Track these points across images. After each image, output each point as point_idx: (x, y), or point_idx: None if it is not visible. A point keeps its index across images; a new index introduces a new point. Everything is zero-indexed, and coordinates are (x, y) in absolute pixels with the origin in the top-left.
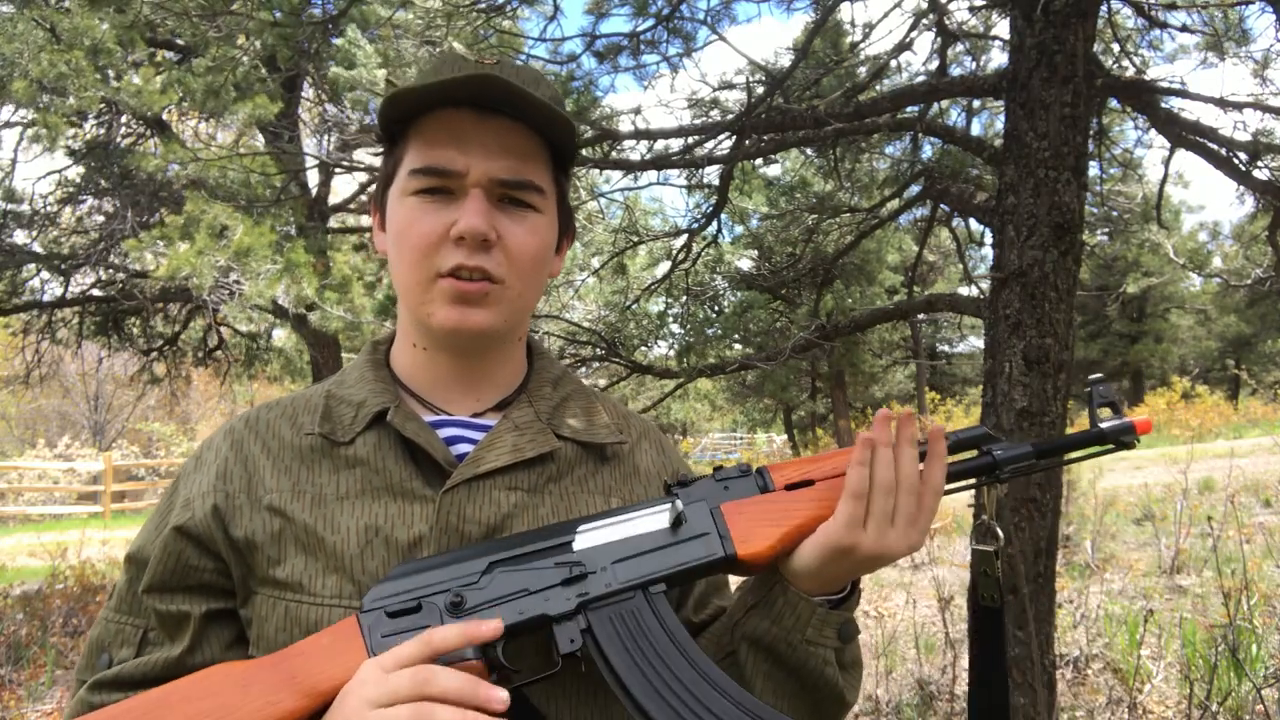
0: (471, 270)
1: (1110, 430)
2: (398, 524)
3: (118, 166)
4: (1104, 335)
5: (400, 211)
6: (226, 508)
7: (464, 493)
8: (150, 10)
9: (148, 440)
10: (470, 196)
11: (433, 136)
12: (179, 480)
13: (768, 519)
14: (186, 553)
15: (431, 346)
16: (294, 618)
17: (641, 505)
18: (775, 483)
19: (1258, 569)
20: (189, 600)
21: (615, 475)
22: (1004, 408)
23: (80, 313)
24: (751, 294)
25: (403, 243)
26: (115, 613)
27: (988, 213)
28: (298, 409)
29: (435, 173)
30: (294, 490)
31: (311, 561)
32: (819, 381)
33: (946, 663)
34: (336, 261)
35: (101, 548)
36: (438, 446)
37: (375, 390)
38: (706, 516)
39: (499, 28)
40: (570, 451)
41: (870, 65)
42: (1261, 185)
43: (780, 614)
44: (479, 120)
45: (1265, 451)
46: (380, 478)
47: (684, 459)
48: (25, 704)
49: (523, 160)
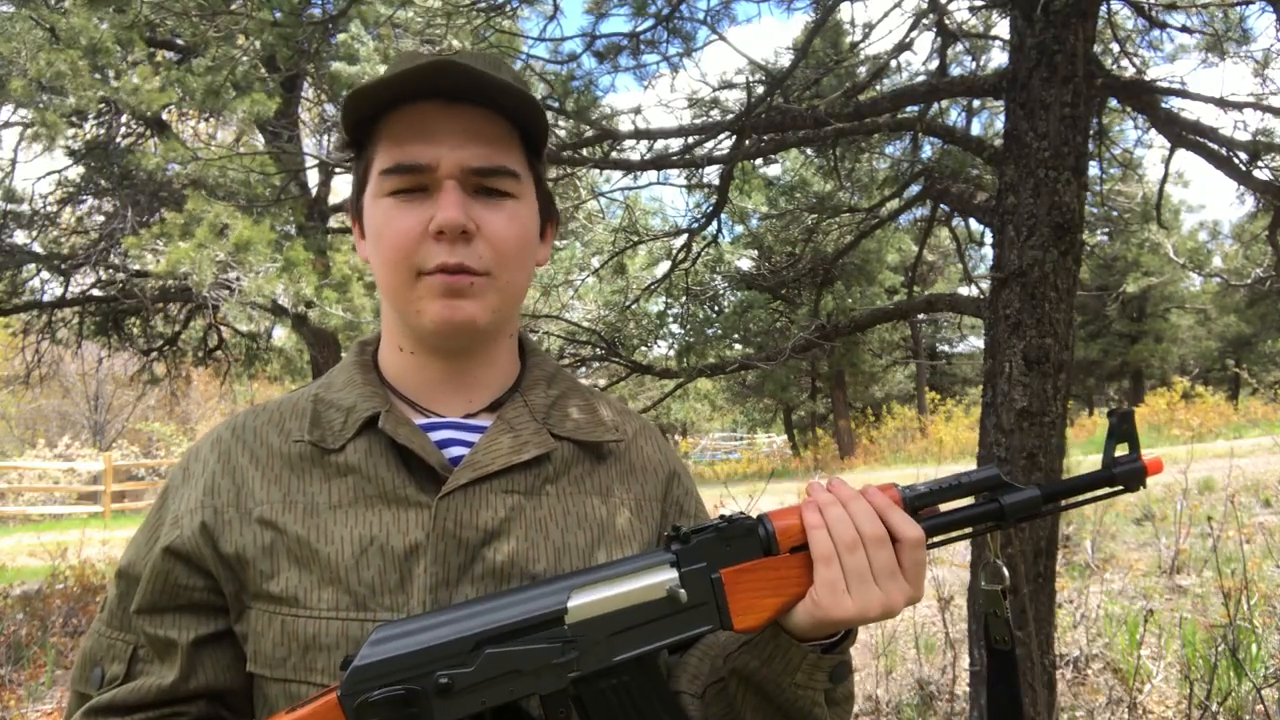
0: (454, 266)
1: (1120, 474)
2: (393, 532)
3: (117, 166)
4: (1104, 335)
5: (376, 214)
6: (215, 523)
7: (460, 498)
8: (150, 10)
9: (148, 440)
10: (444, 189)
11: (399, 133)
12: (167, 493)
13: (768, 588)
14: (175, 572)
15: (419, 350)
16: (290, 632)
17: (639, 560)
18: (780, 542)
19: (1258, 569)
20: (178, 624)
21: (613, 473)
22: (1004, 408)
23: (80, 313)
24: (751, 294)
25: (381, 245)
26: (107, 627)
27: (988, 213)
28: (285, 415)
29: (406, 170)
30: (285, 501)
31: (306, 574)
32: (819, 381)
33: (946, 663)
34: (336, 261)
35: (101, 548)
36: (431, 451)
37: (365, 394)
38: (706, 584)
39: (499, 27)
40: (567, 451)
41: (870, 65)
42: (1262, 185)
43: (771, 657)
44: (444, 110)
45: (1265, 451)
46: (373, 485)
47: (680, 458)
48: (25, 704)
49: (493, 146)
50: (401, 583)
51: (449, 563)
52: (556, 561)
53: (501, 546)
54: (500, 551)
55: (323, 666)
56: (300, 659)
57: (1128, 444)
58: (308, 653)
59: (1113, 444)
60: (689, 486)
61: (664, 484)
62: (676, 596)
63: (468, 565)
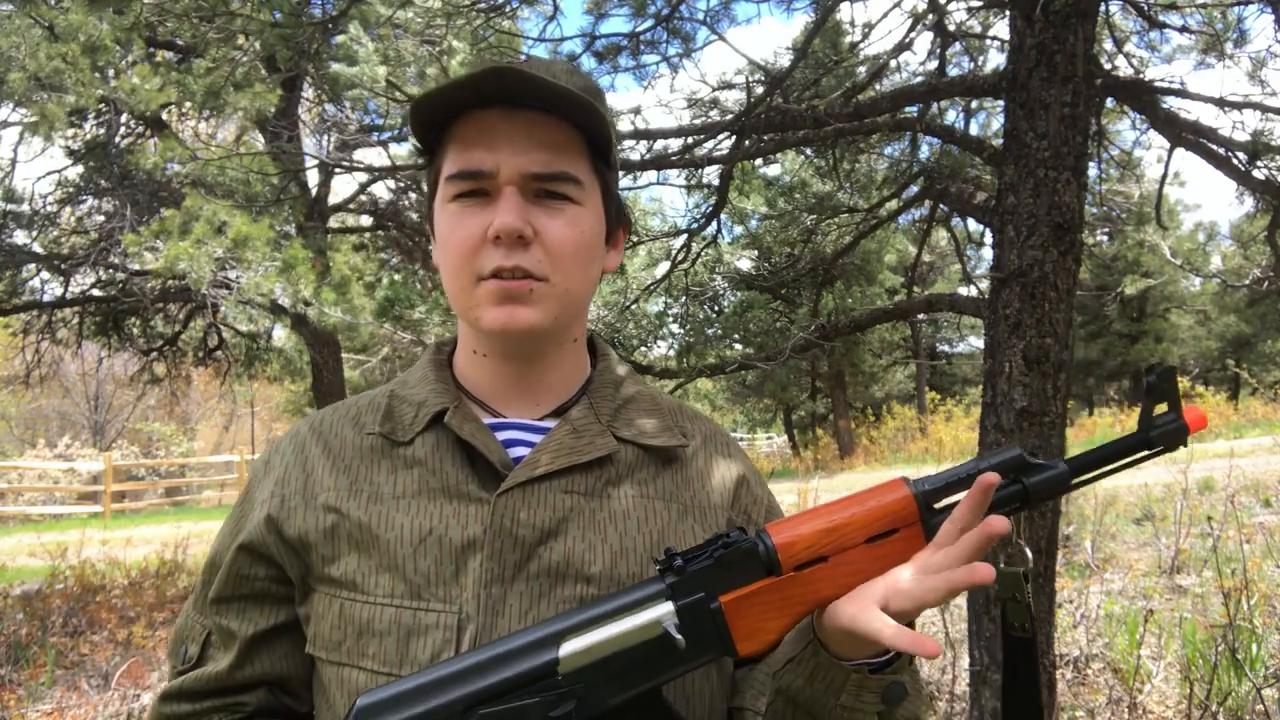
0: (511, 270)
1: (1158, 435)
2: (452, 525)
3: (117, 166)
4: (1104, 335)
5: (443, 220)
6: (280, 511)
7: (518, 496)
8: (150, 12)
9: (148, 440)
10: (503, 195)
11: (464, 139)
12: (250, 486)
13: (772, 610)
14: (243, 564)
15: (490, 353)
16: (348, 616)
17: (633, 594)
18: (783, 560)
19: (1258, 569)
20: (242, 615)
21: (677, 480)
22: (1004, 408)
23: (80, 313)
24: (751, 294)
25: (446, 250)
26: (193, 609)
27: (987, 213)
28: (361, 409)
29: (468, 175)
30: (351, 488)
31: (365, 559)
32: (819, 381)
33: (946, 663)
34: (336, 261)
35: (101, 548)
36: (494, 449)
37: (436, 390)
38: (706, 614)
39: (499, 28)
40: (631, 454)
41: (870, 65)
42: (1261, 185)
43: (814, 675)
44: (506, 117)
45: (1265, 451)
46: (437, 479)
47: (749, 460)
48: (25, 704)
49: (554, 152)
50: (456, 575)
51: (504, 559)
52: (613, 564)
53: (557, 546)
54: (555, 551)
55: (374, 652)
56: (354, 643)
57: (1167, 404)
58: (361, 637)
59: (1151, 404)
60: (759, 494)
61: (731, 491)
62: (672, 636)
63: (523, 563)
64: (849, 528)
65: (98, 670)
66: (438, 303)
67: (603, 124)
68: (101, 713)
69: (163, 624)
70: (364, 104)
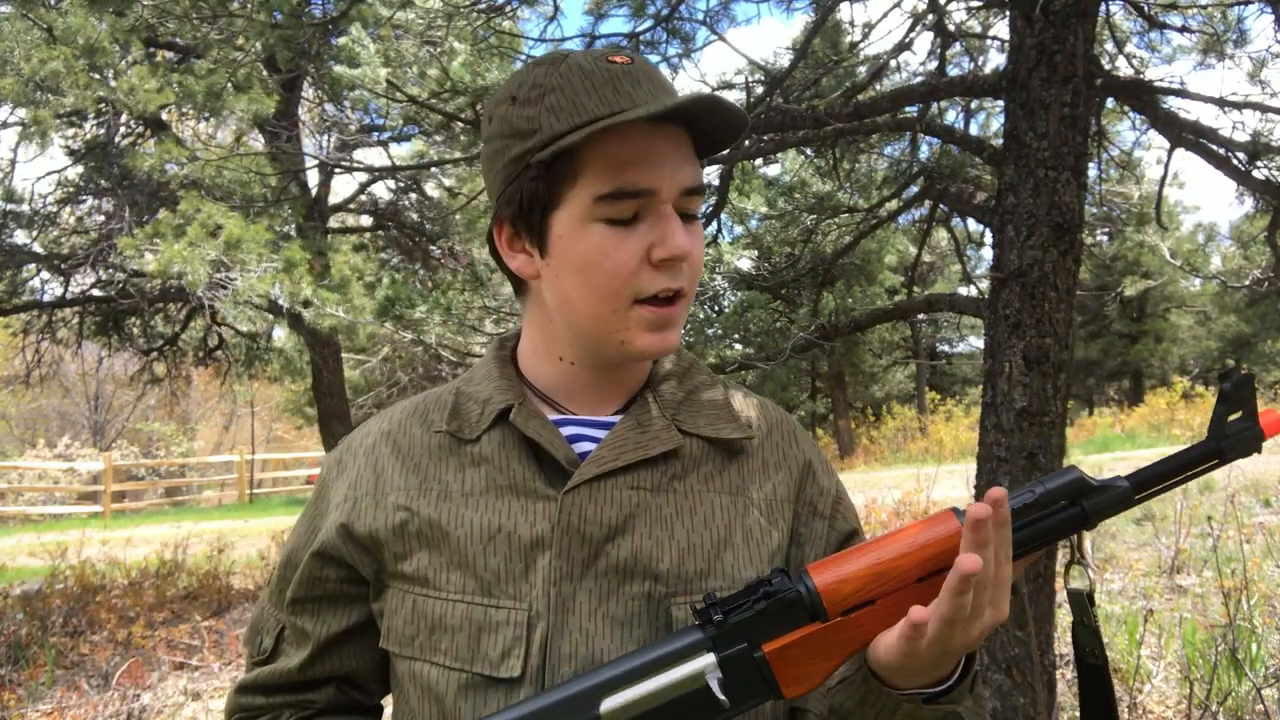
0: (674, 293)
1: (1229, 445)
2: (520, 522)
3: (117, 167)
4: (1104, 335)
5: (586, 241)
6: (352, 514)
7: (585, 493)
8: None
9: (148, 440)
10: (664, 215)
11: (616, 157)
12: (324, 483)
13: (820, 654)
14: (316, 568)
15: (582, 363)
16: (420, 611)
17: (673, 643)
18: (828, 607)
19: (1258, 569)
20: (317, 617)
21: (744, 471)
22: (1004, 408)
23: (80, 313)
24: (751, 294)
25: (595, 273)
26: (269, 601)
27: (987, 213)
28: (429, 407)
29: (629, 194)
30: (421, 487)
31: (435, 556)
32: (819, 381)
33: None
34: (336, 262)
35: (101, 548)
36: (559, 445)
37: (501, 387)
38: (750, 664)
39: (499, 28)
40: (695, 448)
41: (870, 65)
42: (1261, 185)
43: (865, 699)
44: (655, 131)
45: (1265, 451)
46: (504, 476)
47: (818, 448)
48: (25, 704)
49: (695, 165)
50: (525, 572)
51: (572, 557)
52: (680, 561)
53: (624, 543)
54: (623, 548)
55: (446, 648)
56: (427, 639)
57: (1241, 412)
58: (434, 633)
59: (1225, 411)
60: (826, 485)
61: (797, 483)
62: (715, 693)
63: (591, 560)
64: (898, 571)
65: (97, 670)
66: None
67: (726, 131)
68: (101, 713)
69: (162, 624)
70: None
